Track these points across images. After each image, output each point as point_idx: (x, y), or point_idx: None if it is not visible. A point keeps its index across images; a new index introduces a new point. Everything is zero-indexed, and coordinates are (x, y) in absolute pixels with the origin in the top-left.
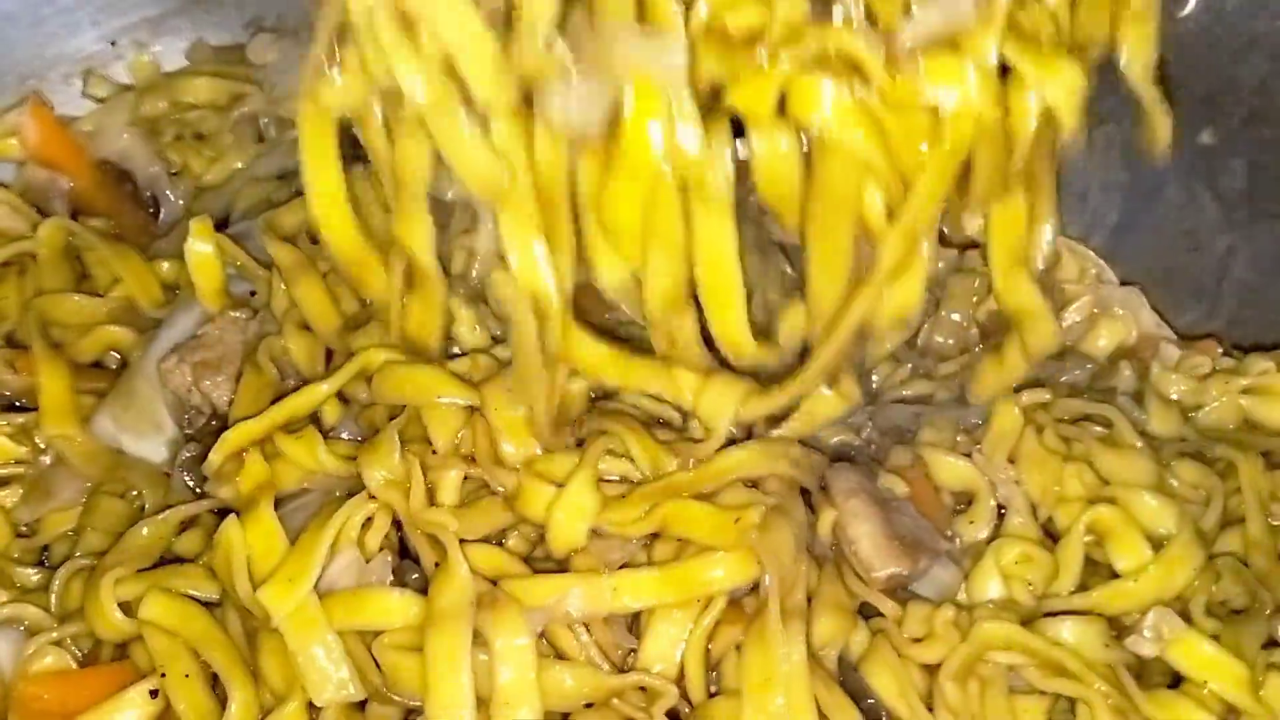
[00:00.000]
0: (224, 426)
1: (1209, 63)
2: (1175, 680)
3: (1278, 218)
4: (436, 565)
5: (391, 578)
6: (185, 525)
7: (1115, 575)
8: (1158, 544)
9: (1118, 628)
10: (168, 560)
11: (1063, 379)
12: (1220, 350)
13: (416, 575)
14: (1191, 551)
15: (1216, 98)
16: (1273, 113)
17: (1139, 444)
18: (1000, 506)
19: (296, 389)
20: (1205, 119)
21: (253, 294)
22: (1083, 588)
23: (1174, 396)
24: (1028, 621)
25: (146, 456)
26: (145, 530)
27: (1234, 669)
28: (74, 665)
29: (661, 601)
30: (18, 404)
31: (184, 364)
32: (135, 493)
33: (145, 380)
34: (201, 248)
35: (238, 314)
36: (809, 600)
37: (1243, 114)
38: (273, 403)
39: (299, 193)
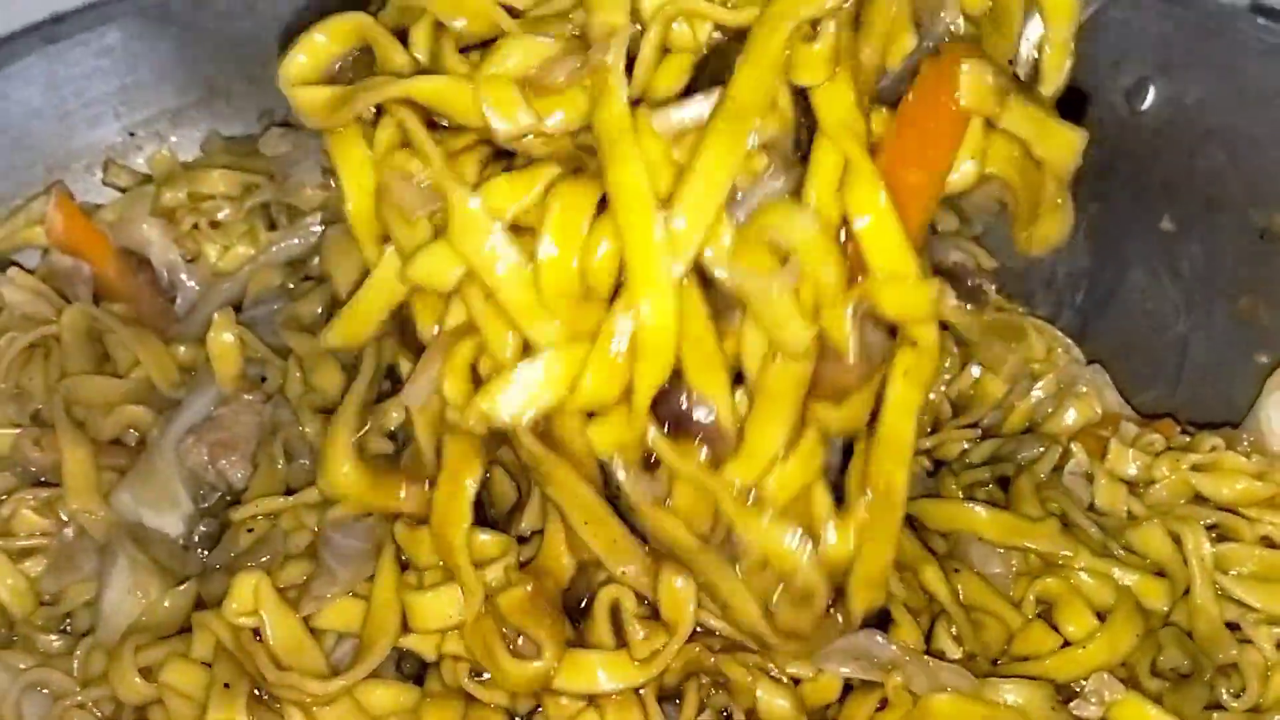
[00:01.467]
0: (237, 502)
1: (1168, 153)
2: None
3: (1233, 300)
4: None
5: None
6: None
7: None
8: (1102, 615)
9: (1065, 693)
10: (187, 629)
11: (1020, 456)
12: (1178, 429)
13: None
14: (1134, 621)
15: (1176, 186)
16: (1228, 200)
17: (1084, 522)
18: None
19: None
20: (1165, 206)
21: (263, 379)
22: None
23: (1132, 472)
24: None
25: (164, 530)
26: (166, 602)
27: None
28: None
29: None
30: (43, 479)
31: (201, 444)
32: None
33: (163, 458)
34: (225, 338)
35: (251, 397)
36: None
37: (1200, 202)
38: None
39: (308, 278)
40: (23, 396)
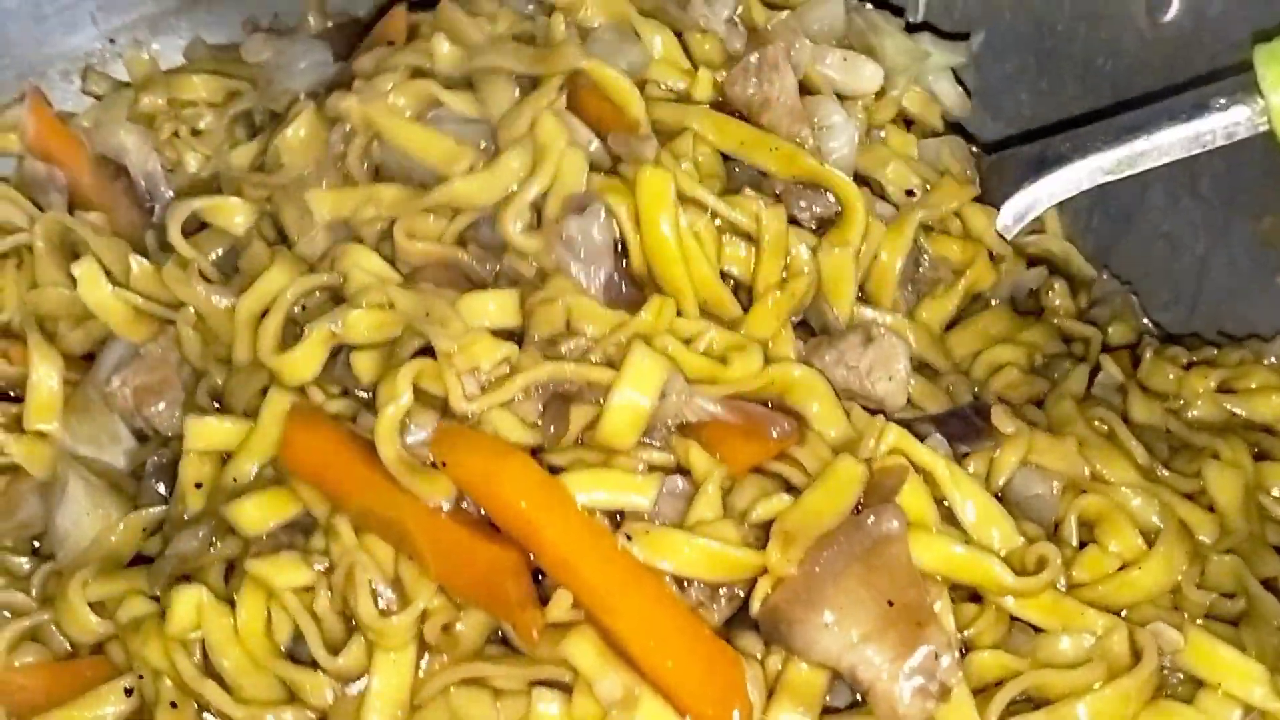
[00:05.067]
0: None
1: (1190, 66)
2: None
3: (1256, 220)
4: None
5: None
6: (154, 529)
7: None
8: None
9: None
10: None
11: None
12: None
13: None
14: (1183, 538)
15: None
16: None
17: (1132, 443)
18: None
19: None
20: None
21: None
22: None
23: (1170, 376)
24: None
25: (109, 463)
26: (121, 526)
27: (1251, 669)
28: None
29: None
30: (11, 393)
31: (126, 388)
32: None
33: (98, 393)
34: (93, 295)
35: None
36: None
37: None
38: None
39: None
40: None
